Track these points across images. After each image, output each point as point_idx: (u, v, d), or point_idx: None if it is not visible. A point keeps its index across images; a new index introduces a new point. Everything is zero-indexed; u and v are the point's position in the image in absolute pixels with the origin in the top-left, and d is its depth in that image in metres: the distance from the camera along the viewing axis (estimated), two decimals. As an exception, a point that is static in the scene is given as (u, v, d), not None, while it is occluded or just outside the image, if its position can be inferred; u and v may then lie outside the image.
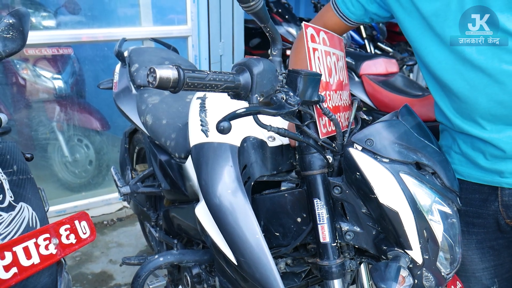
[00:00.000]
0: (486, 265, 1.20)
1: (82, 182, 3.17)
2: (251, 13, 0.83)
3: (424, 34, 1.07)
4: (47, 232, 0.74)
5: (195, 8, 2.96)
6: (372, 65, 2.53)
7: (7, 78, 2.88)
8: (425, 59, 1.09)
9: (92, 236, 0.85)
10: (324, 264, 1.03)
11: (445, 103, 1.13)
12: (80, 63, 3.09)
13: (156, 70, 0.72)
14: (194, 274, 1.45)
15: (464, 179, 1.14)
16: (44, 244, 0.73)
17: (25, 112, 2.98)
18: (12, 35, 1.07)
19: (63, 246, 0.77)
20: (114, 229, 2.94)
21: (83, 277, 2.41)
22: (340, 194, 1.01)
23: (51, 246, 0.74)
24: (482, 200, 1.14)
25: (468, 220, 1.17)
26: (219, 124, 0.74)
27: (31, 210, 0.76)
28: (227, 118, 0.76)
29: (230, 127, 0.75)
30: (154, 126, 1.70)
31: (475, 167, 1.12)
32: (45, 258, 0.72)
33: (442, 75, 1.06)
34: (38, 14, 2.89)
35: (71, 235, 0.79)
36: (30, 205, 0.77)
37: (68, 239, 0.78)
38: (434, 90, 1.16)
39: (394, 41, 5.54)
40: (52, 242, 0.75)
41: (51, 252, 0.74)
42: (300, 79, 0.89)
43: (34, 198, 0.79)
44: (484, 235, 1.18)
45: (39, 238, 0.72)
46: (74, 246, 0.79)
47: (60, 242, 0.76)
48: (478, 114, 1.04)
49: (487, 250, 1.19)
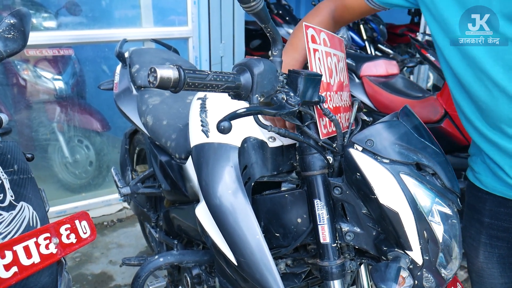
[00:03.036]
0: (505, 280, 1.17)
1: (82, 183, 3.17)
2: (251, 14, 0.83)
3: (438, 33, 1.05)
4: (48, 231, 0.74)
5: (196, 9, 2.96)
6: (373, 67, 2.53)
7: (7, 78, 2.88)
8: (445, 57, 1.06)
9: (92, 236, 0.85)
10: (324, 265, 1.03)
11: (470, 108, 1.08)
12: (81, 64, 3.09)
13: (157, 70, 0.72)
14: (194, 275, 1.45)
15: (489, 191, 1.12)
16: (44, 243, 0.73)
17: (25, 112, 2.98)
18: (13, 35, 1.07)
19: (64, 245, 0.77)
20: (114, 230, 2.94)
21: (83, 278, 2.41)
22: (340, 194, 1.01)
23: (51, 245, 0.74)
24: (508, 215, 1.11)
25: (492, 233, 1.14)
26: (219, 124, 0.74)
27: (32, 210, 0.76)
28: (227, 118, 0.76)
29: (230, 127, 0.75)
30: (154, 127, 1.70)
31: (499, 180, 1.09)
32: (46, 258, 0.72)
33: (461, 77, 1.04)
34: (39, 15, 2.90)
35: (72, 234, 0.79)
36: (31, 204, 0.77)
37: (69, 239, 0.78)
38: (458, 94, 1.11)
39: (394, 43, 5.55)
40: (53, 241, 0.75)
41: (52, 251, 0.74)
42: (300, 79, 0.90)
43: (34, 197, 0.79)
44: (507, 250, 1.14)
45: (40, 238, 0.72)
46: (74, 246, 0.79)
47: (60, 242, 0.76)
48: (503, 121, 1.00)
49: (509, 265, 1.16)
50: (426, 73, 4.31)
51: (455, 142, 1.99)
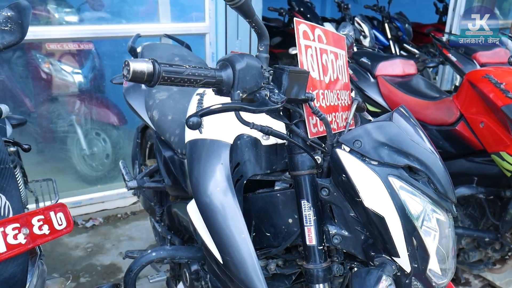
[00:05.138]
0: None
1: (98, 175, 3.22)
2: (234, 8, 0.81)
3: None
4: (17, 222, 0.75)
5: (213, 5, 2.96)
6: (389, 66, 2.46)
7: (29, 72, 2.96)
8: None
9: (68, 228, 0.85)
10: (309, 267, 1.00)
11: None
12: (100, 58, 3.15)
13: (130, 63, 0.72)
14: (193, 271, 1.45)
15: None
16: (12, 233, 0.73)
17: (45, 105, 3.06)
18: (10, 28, 1.08)
19: (34, 236, 0.77)
20: (127, 222, 2.98)
21: (92, 268, 2.45)
22: (328, 196, 0.98)
23: (20, 235, 0.74)
24: None
25: None
26: (188, 119, 0.73)
27: (5, 199, 0.77)
28: (198, 113, 0.74)
29: (199, 123, 0.73)
30: (160, 122, 1.71)
31: None
32: (12, 247, 0.72)
33: None
34: (61, 10, 2.96)
35: (45, 225, 0.79)
36: (4, 194, 0.77)
37: (41, 230, 0.78)
38: None
39: (420, 43, 5.40)
40: (22, 232, 0.75)
41: (20, 241, 0.74)
42: (285, 76, 0.87)
43: (9, 188, 0.79)
44: None
45: (8, 228, 0.73)
46: (47, 237, 0.79)
47: (31, 232, 0.76)
48: None
49: None
50: (451, 74, 4.17)
51: (470, 146, 1.91)
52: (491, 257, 2.07)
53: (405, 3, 5.78)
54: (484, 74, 1.84)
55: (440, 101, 2.10)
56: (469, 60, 2.52)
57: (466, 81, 1.94)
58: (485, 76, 1.82)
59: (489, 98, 1.77)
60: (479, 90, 1.83)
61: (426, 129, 2.09)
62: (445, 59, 2.77)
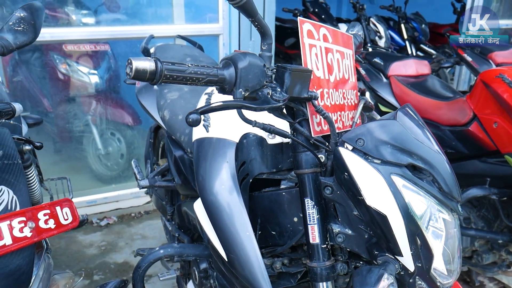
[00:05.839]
0: None
1: (113, 174, 3.27)
2: (237, 7, 0.83)
3: None
4: (23, 215, 0.77)
5: (227, 6, 2.98)
6: (402, 66, 2.44)
7: (46, 72, 3.02)
8: None
9: (74, 223, 0.87)
10: (312, 266, 1.00)
11: None
12: (115, 59, 3.20)
13: (132, 61, 0.73)
14: (201, 269, 1.46)
15: None
16: (18, 226, 0.75)
17: (62, 105, 3.12)
18: (23, 28, 1.11)
19: (40, 230, 0.79)
20: (141, 221, 3.02)
21: (105, 266, 2.49)
22: (331, 194, 0.98)
23: (26, 229, 0.77)
24: None
25: None
26: (188, 116, 0.74)
27: (12, 194, 0.79)
28: (198, 110, 0.76)
29: (199, 120, 0.75)
30: (170, 121, 1.73)
31: None
32: (18, 240, 0.75)
33: None
34: (78, 12, 3.02)
35: (50, 220, 0.81)
36: (12, 189, 0.80)
37: (47, 224, 0.80)
38: None
39: (438, 43, 5.33)
40: (28, 225, 0.77)
41: (26, 235, 0.76)
42: (287, 74, 0.88)
43: (17, 183, 0.82)
44: None
45: (14, 221, 0.75)
46: (52, 231, 0.81)
47: (36, 226, 0.79)
48: None
49: None
50: (468, 74, 4.10)
51: (483, 147, 1.88)
52: (505, 259, 2.03)
53: (422, 3, 5.71)
54: (497, 74, 1.81)
55: (453, 102, 2.07)
56: (484, 60, 2.48)
57: (480, 81, 1.91)
58: (499, 76, 1.79)
59: (502, 98, 1.74)
60: (493, 90, 1.80)
61: (439, 130, 2.07)
62: (460, 59, 2.73)
